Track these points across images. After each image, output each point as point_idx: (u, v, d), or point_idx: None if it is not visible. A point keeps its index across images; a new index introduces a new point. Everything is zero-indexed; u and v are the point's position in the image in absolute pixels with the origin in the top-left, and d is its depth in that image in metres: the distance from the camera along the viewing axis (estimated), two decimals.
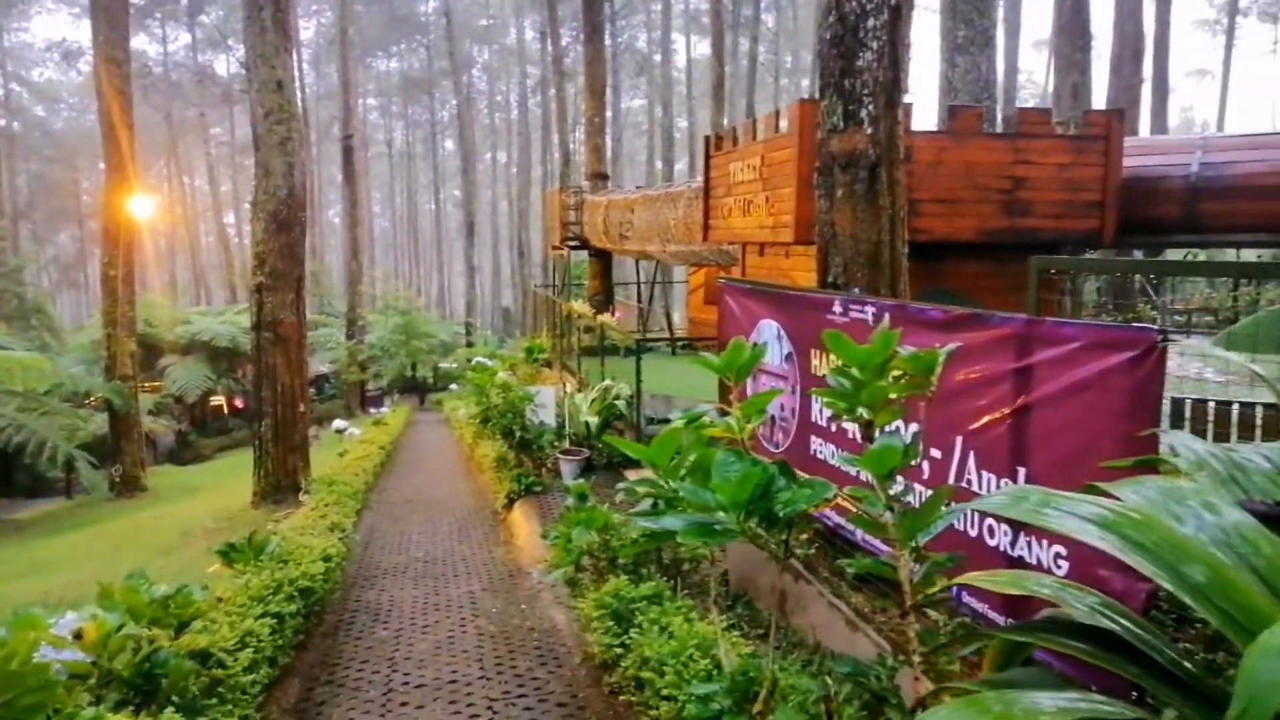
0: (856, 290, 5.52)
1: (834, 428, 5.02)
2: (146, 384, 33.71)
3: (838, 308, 4.88)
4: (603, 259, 25.11)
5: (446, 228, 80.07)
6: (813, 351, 5.22)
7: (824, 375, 5.09)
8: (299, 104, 13.72)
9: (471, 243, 50.99)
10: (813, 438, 5.30)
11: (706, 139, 11.79)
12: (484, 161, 78.49)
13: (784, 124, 9.33)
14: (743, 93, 43.12)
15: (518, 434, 12.36)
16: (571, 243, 24.08)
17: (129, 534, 15.36)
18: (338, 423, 21.12)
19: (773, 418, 5.74)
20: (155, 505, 19.93)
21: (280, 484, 13.87)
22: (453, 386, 38.66)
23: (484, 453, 14.77)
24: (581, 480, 5.97)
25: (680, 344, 18.41)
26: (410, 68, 74.41)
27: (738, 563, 6.12)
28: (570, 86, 46.43)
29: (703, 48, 63.57)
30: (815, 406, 5.21)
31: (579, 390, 13.35)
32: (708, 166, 11.86)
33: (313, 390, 40.57)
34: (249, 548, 6.51)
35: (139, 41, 66.19)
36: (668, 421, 13.05)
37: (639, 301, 27.11)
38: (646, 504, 3.60)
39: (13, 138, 64.72)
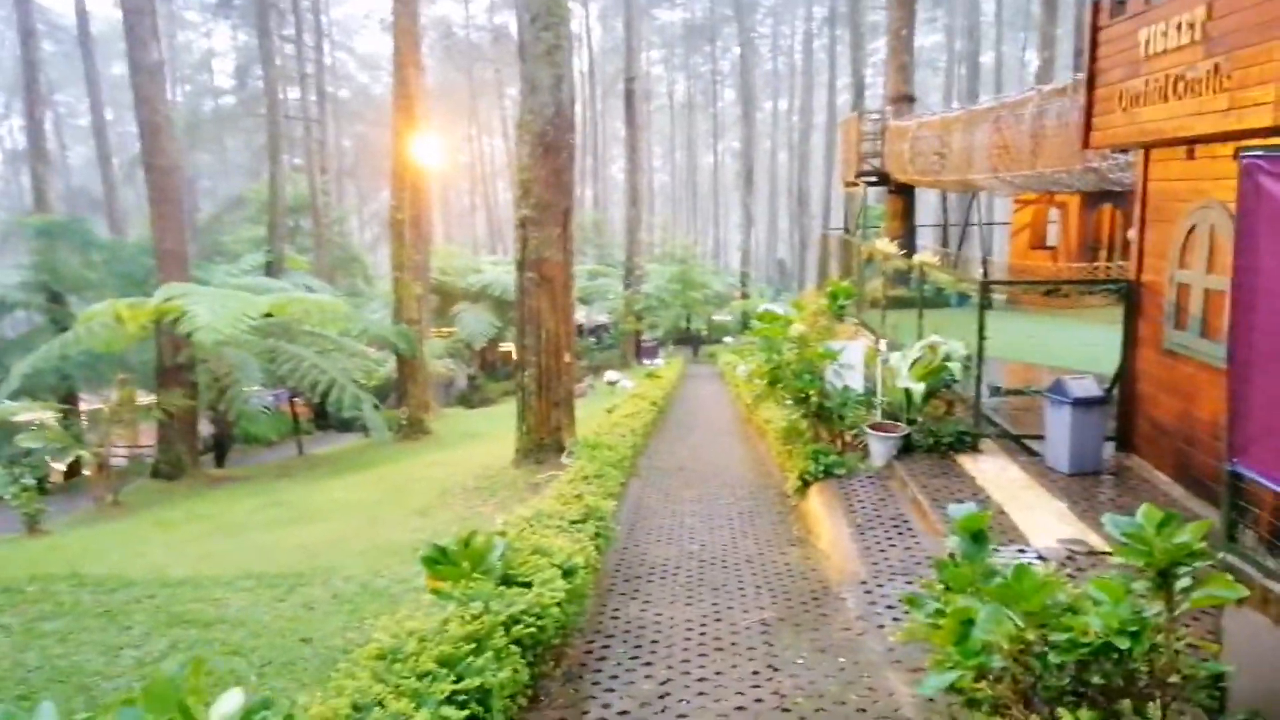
0: None
1: None
2: (441, 329, 34.92)
3: None
4: (904, 195, 21.76)
5: (723, 180, 78.35)
6: None
7: None
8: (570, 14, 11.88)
9: (749, 192, 48.66)
10: None
11: (1096, 3, 8.48)
12: (763, 110, 75.63)
13: None
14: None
15: (815, 400, 9.90)
16: (869, 177, 20.96)
17: (399, 483, 14.79)
18: (610, 374, 19.84)
19: None
20: (433, 450, 19.68)
21: (543, 442, 12.43)
22: (727, 339, 37.03)
23: (767, 417, 12.49)
24: (970, 508, 3.35)
25: (1049, 291, 14.89)
26: (693, 16, 72.77)
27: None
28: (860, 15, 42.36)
29: None
30: None
31: (888, 349, 10.64)
32: (1094, 44, 8.54)
33: (592, 339, 40.55)
34: (464, 554, 4.61)
35: (443, 6, 69.94)
36: (1020, 394, 10.04)
37: (944, 246, 23.43)
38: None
39: (339, 103, 70.77)
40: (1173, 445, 7.94)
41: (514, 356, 15.47)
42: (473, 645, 3.70)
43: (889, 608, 6.00)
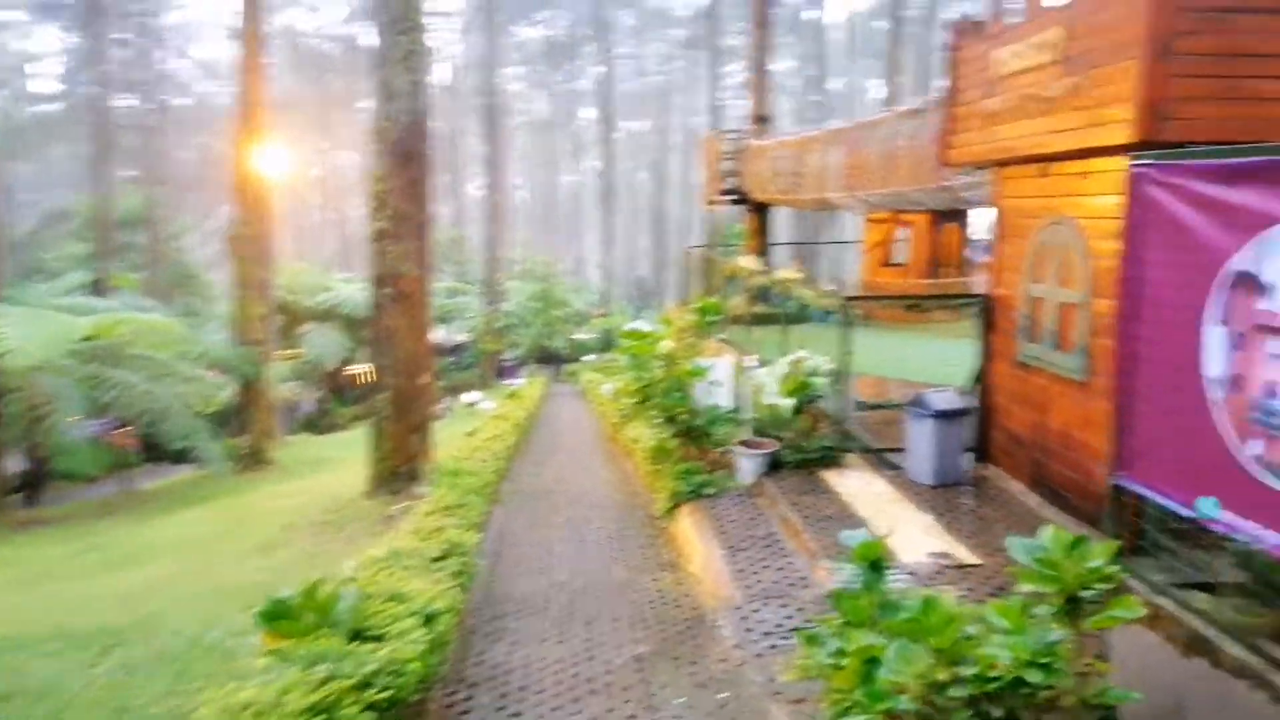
0: None
1: None
2: (287, 351, 33.08)
3: None
4: (761, 215, 22.09)
5: (584, 198, 78.43)
6: None
7: None
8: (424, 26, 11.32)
9: (610, 211, 48.79)
10: None
11: (955, 25, 8.69)
12: (623, 130, 76.28)
13: None
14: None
15: (684, 418, 9.68)
16: (729, 196, 21.18)
17: (238, 518, 13.68)
18: (469, 395, 19.19)
19: None
20: (277, 480, 18.45)
21: (399, 469, 11.72)
22: (589, 357, 36.74)
23: (634, 436, 12.22)
24: (862, 535, 3.10)
25: (910, 306, 15.23)
26: (553, 34, 72.71)
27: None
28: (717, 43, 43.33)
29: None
30: None
31: (757, 365, 10.56)
32: (953, 64, 8.74)
33: (451, 359, 39.41)
34: (308, 606, 4.05)
35: (292, 14, 67.09)
36: (882, 408, 10.14)
37: (801, 263, 23.93)
38: None
39: (178, 111, 66.68)
40: (1027, 455, 8.13)
41: (365, 379, 14.65)
42: (319, 718, 3.18)
43: (766, 634, 5.77)
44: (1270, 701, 2.84)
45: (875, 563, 3.07)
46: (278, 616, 4.01)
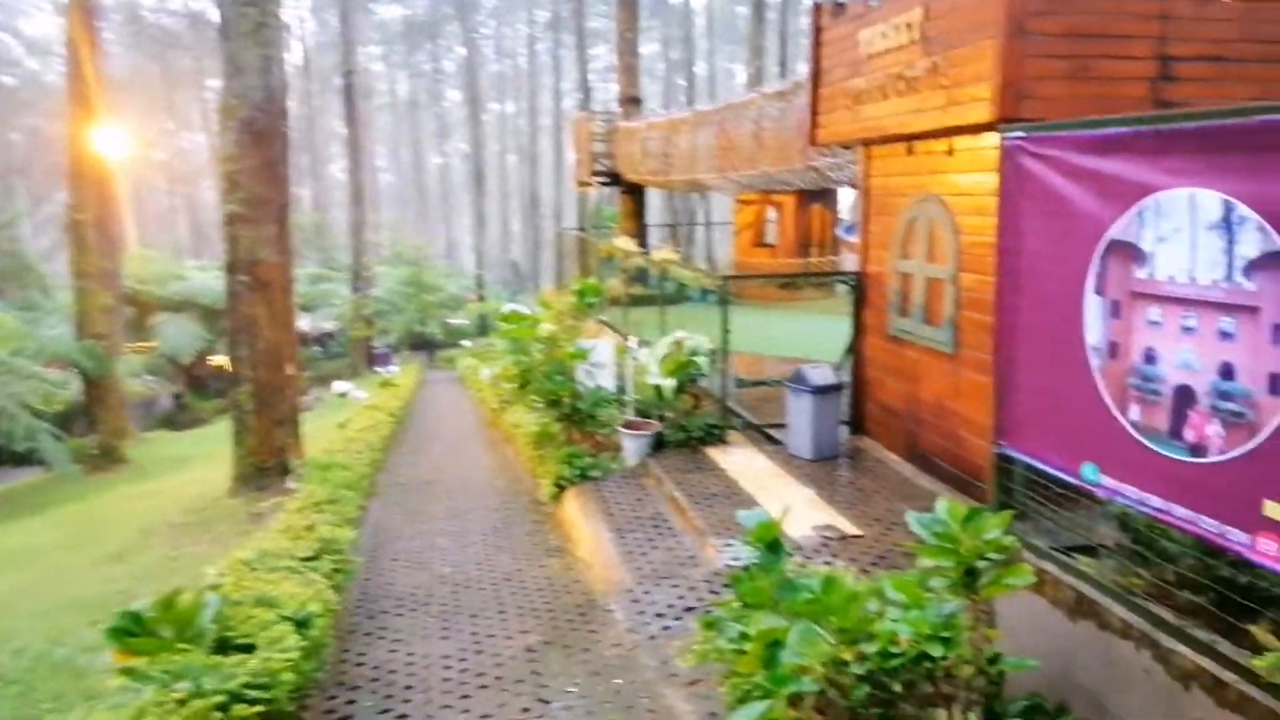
0: None
1: None
2: (139, 344, 31.04)
3: None
4: (636, 195, 22.09)
5: (453, 181, 76.72)
6: None
7: None
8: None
9: (480, 194, 47.86)
10: None
11: (819, 6, 8.79)
12: (491, 111, 74.86)
13: None
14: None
15: (567, 401, 9.54)
16: (602, 177, 21.05)
17: (89, 524, 12.71)
18: (339, 385, 18.46)
19: (1183, 390, 2.89)
20: (132, 481, 17.28)
21: (265, 465, 11.11)
22: (464, 343, 35.98)
23: (516, 421, 11.99)
24: (760, 514, 3.05)
25: (784, 284, 15.44)
26: (413, 13, 70.50)
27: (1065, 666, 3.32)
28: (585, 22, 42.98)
29: None
30: None
31: (637, 346, 10.51)
32: (817, 45, 8.85)
33: (318, 349, 37.85)
34: (166, 619, 3.71)
35: None
36: (762, 385, 10.25)
37: (676, 245, 24.10)
38: None
39: (4, 91, 61.21)
40: (901, 426, 8.38)
41: (228, 371, 13.86)
42: None
43: (658, 616, 5.73)
44: (1154, 660, 2.95)
45: (773, 543, 3.02)
46: (130, 631, 3.66)
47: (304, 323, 33.35)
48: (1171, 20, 6.06)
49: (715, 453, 9.00)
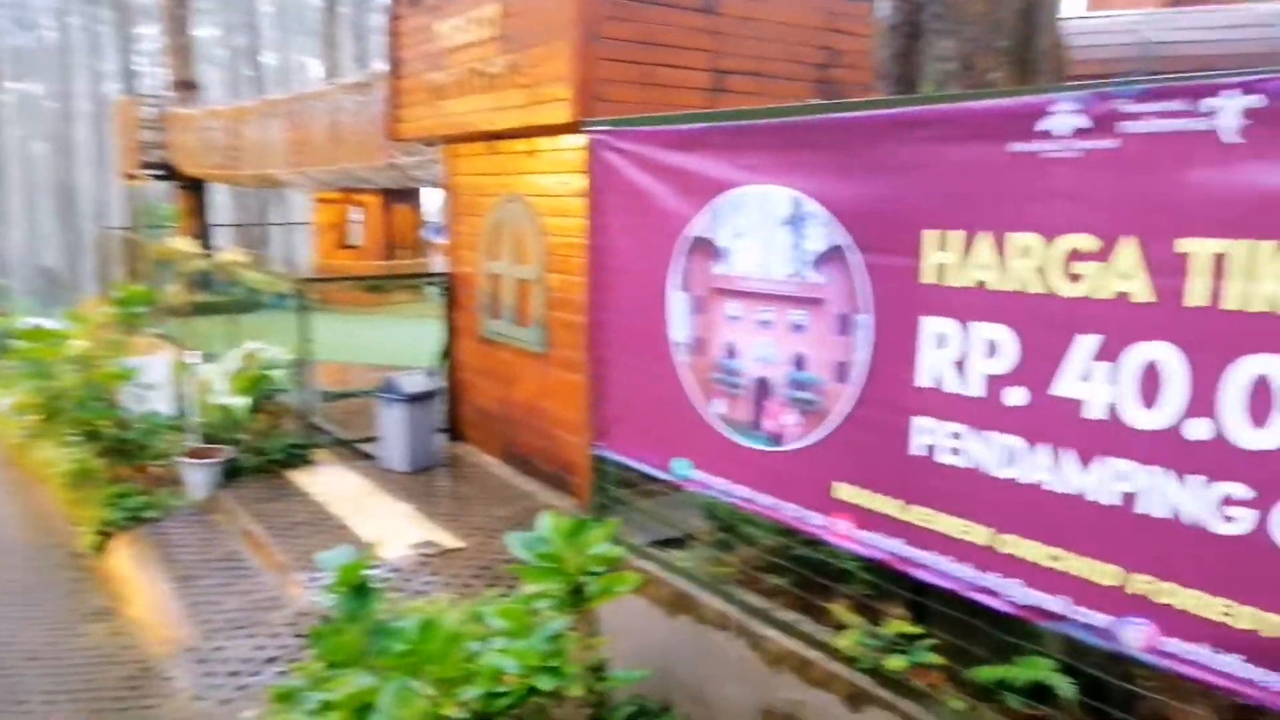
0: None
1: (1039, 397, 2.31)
2: None
3: (1064, 118, 2.14)
4: (195, 192, 19.76)
5: None
6: (935, 237, 2.49)
7: (984, 284, 2.41)
8: None
9: None
10: (922, 422, 2.58)
11: None
12: (11, 92, 63.14)
13: None
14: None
15: (110, 431, 8.07)
16: (153, 170, 18.51)
17: None
18: None
19: (762, 382, 2.94)
20: None
21: None
22: None
23: (46, 459, 9.93)
24: (342, 553, 2.62)
25: (372, 288, 14.46)
26: None
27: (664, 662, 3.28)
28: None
29: None
30: (936, 349, 2.51)
31: (201, 361, 9.22)
32: (395, 34, 8.37)
33: None
34: None
35: None
36: (351, 397, 9.55)
37: (245, 246, 21.99)
38: None
39: None
40: (497, 429, 8.27)
41: None
42: None
43: (232, 674, 4.96)
44: (748, 646, 3.00)
45: (360, 587, 2.59)
46: None
47: None
48: (720, 36, 6.57)
49: (300, 475, 8.18)
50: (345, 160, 12.38)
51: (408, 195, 19.07)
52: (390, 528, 6.78)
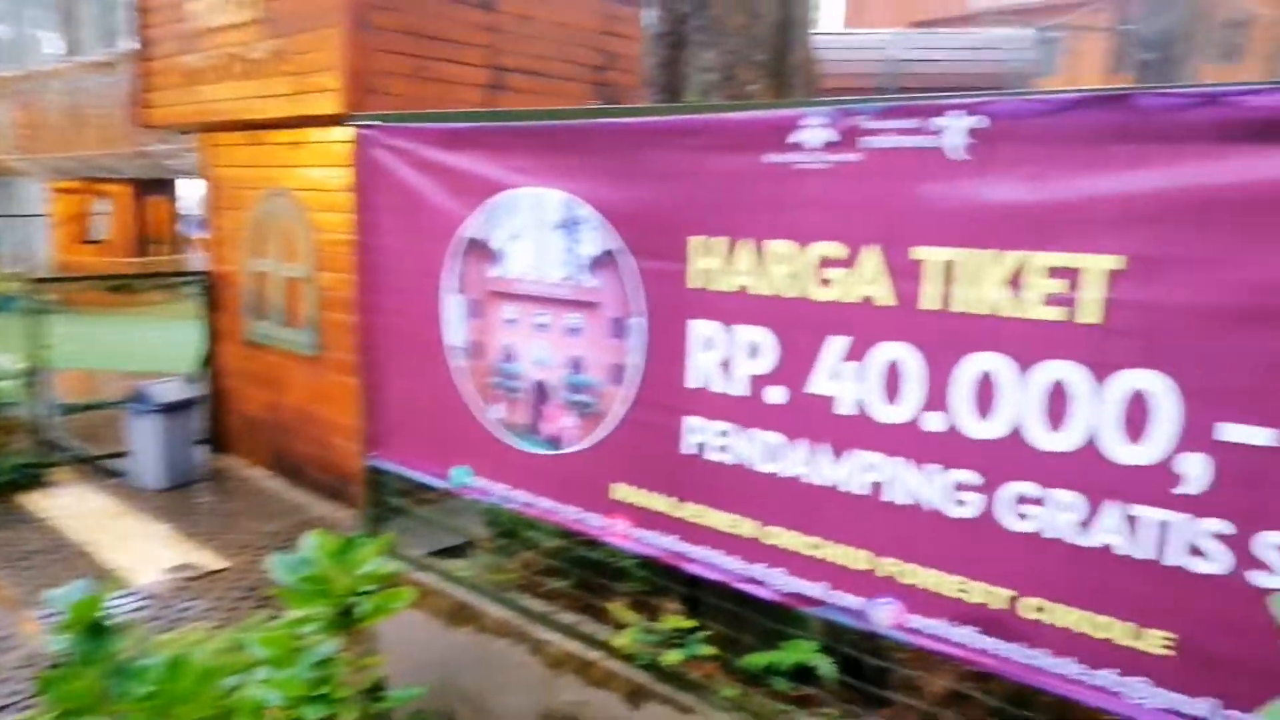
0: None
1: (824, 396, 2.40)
2: None
3: (814, 132, 2.25)
4: None
5: None
6: (700, 243, 2.55)
7: (746, 289, 2.49)
8: None
9: None
10: (692, 422, 2.64)
11: None
12: None
13: None
14: None
15: None
16: None
17: None
18: None
19: (540, 386, 2.90)
20: None
21: None
22: None
23: None
24: (75, 591, 2.36)
25: (117, 287, 13.05)
26: None
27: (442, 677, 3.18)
28: None
29: None
30: (704, 351, 2.57)
31: None
32: (144, 9, 7.62)
33: None
34: None
35: None
36: (96, 408, 8.66)
37: None
38: None
39: None
40: (266, 437, 7.78)
41: None
42: None
43: None
44: (529, 652, 2.98)
45: (96, 626, 2.32)
46: None
47: None
48: (499, 33, 6.50)
49: (35, 499, 7.31)
50: (86, 147, 11.23)
51: (163, 186, 17.56)
52: (143, 551, 6.21)
